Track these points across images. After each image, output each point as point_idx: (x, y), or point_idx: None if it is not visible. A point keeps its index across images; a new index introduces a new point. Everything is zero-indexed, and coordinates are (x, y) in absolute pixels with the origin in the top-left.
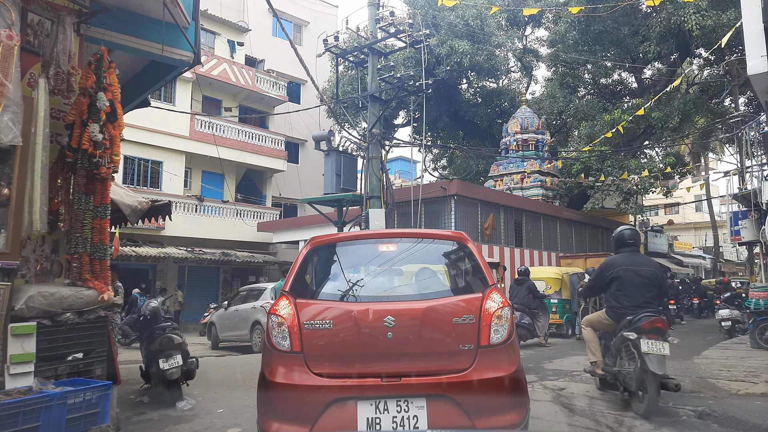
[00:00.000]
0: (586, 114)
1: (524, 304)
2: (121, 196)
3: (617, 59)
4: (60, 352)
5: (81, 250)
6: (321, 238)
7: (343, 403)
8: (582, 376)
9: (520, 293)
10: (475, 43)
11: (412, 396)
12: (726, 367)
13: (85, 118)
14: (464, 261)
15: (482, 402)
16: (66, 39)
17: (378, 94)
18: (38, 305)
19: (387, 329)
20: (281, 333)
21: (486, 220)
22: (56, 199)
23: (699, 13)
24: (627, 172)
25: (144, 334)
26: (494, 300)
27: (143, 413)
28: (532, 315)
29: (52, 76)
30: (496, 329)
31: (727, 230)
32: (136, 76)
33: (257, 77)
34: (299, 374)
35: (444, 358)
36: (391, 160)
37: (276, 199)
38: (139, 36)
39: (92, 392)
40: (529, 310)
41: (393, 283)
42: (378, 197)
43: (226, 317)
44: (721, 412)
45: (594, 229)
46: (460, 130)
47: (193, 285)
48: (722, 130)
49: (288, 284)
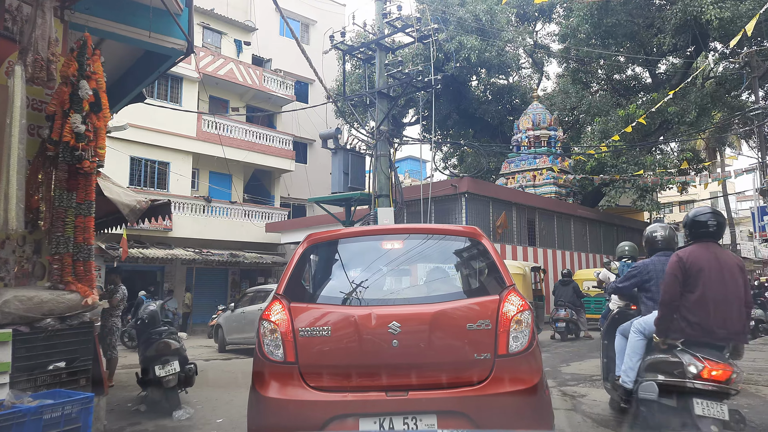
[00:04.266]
0: (599, 110)
1: (570, 302)
2: (119, 195)
3: (631, 53)
4: (39, 361)
5: (62, 250)
6: (318, 236)
7: (342, 421)
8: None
9: (566, 293)
10: (484, 38)
11: (420, 412)
12: (756, 370)
13: (67, 108)
14: (478, 259)
15: (500, 419)
16: (45, 23)
17: (386, 91)
18: (14, 310)
19: (392, 336)
20: (273, 341)
21: (498, 219)
22: (36, 195)
23: (716, 4)
24: (643, 169)
25: (141, 339)
26: (513, 303)
27: (138, 423)
28: (577, 312)
29: (30, 63)
30: (515, 336)
31: (744, 227)
32: (129, 70)
33: (264, 77)
34: (293, 388)
35: (457, 369)
36: (400, 159)
37: (284, 200)
38: (128, 23)
39: (72, 406)
40: (574, 308)
41: (399, 284)
42: (387, 196)
43: (233, 319)
44: (759, 422)
45: (609, 227)
46: (471, 127)
47: (202, 287)
48: (739, 124)
49: (281, 287)
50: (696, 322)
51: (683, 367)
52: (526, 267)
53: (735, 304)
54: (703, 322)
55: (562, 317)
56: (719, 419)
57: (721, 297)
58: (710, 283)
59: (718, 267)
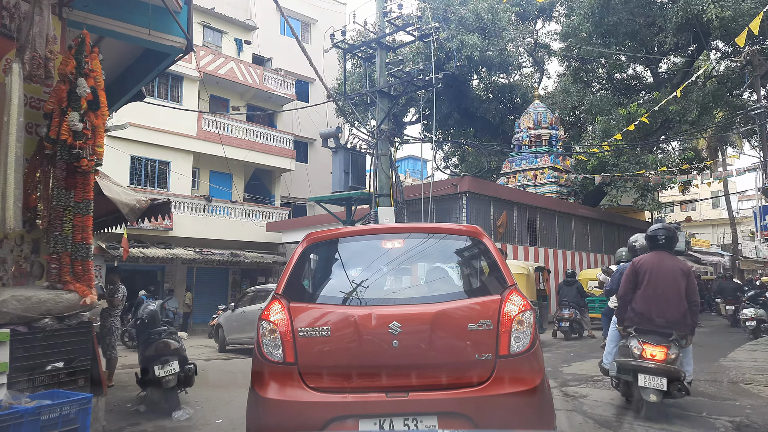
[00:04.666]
0: (600, 109)
1: (574, 302)
2: (118, 194)
3: (632, 52)
4: (38, 361)
5: (61, 249)
6: (317, 235)
7: (342, 422)
8: (605, 382)
9: (570, 293)
10: (486, 37)
11: (421, 414)
12: (758, 370)
13: (65, 106)
14: (480, 258)
15: (502, 420)
16: (43, 21)
17: (386, 90)
18: (12, 310)
19: (392, 337)
20: (273, 341)
21: (499, 218)
22: (34, 194)
23: (717, 3)
24: (644, 168)
25: (141, 339)
26: (514, 302)
27: (137, 424)
28: (581, 312)
29: (28, 60)
30: (516, 336)
31: (745, 227)
32: (128, 68)
33: (265, 76)
34: (293, 389)
35: (458, 370)
36: (401, 158)
37: (285, 199)
38: (127, 21)
39: (70, 406)
40: (578, 307)
41: (399, 284)
42: (387, 195)
43: (234, 319)
44: (762, 423)
45: (610, 227)
46: (471, 126)
47: (202, 286)
48: (740, 123)
49: (281, 286)
50: (640, 312)
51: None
52: (530, 267)
53: (673, 300)
54: (645, 313)
55: (566, 317)
56: (660, 390)
57: (660, 293)
58: (652, 282)
59: (661, 270)
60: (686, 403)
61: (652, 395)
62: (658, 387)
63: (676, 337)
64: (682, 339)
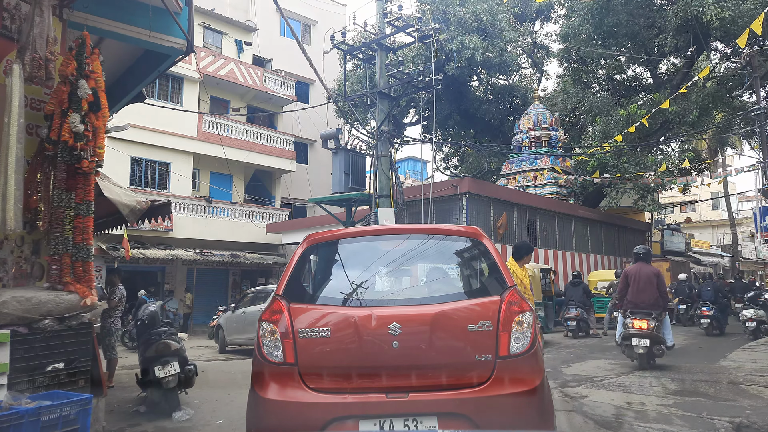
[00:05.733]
0: (600, 110)
1: (581, 302)
2: (119, 195)
3: (632, 53)
4: (38, 362)
5: (61, 250)
6: (317, 236)
7: (342, 423)
8: (605, 383)
9: (576, 293)
10: (485, 38)
11: (421, 414)
12: (758, 371)
13: (66, 107)
14: (479, 260)
15: (501, 420)
16: (43, 22)
17: (386, 91)
18: (12, 311)
19: (392, 337)
20: (273, 342)
21: (499, 219)
22: (34, 195)
23: (717, 4)
24: (644, 169)
25: (141, 340)
26: (514, 303)
27: (138, 424)
28: (587, 311)
29: (28, 61)
30: (516, 337)
31: (745, 228)
32: (129, 69)
33: (265, 77)
34: (293, 389)
35: (458, 371)
36: (401, 159)
37: (285, 200)
38: (128, 22)
39: (70, 407)
40: (584, 307)
41: (399, 285)
42: (387, 196)
43: (234, 320)
44: (762, 423)
45: (610, 228)
46: (471, 128)
47: (202, 287)
48: (740, 124)
49: (281, 287)
50: (630, 300)
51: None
52: (536, 268)
53: (648, 292)
54: (633, 300)
55: (573, 316)
56: (644, 347)
57: (641, 288)
58: (635, 282)
59: (641, 275)
60: (686, 403)
61: (640, 350)
62: (644, 345)
63: (655, 315)
64: (658, 315)
